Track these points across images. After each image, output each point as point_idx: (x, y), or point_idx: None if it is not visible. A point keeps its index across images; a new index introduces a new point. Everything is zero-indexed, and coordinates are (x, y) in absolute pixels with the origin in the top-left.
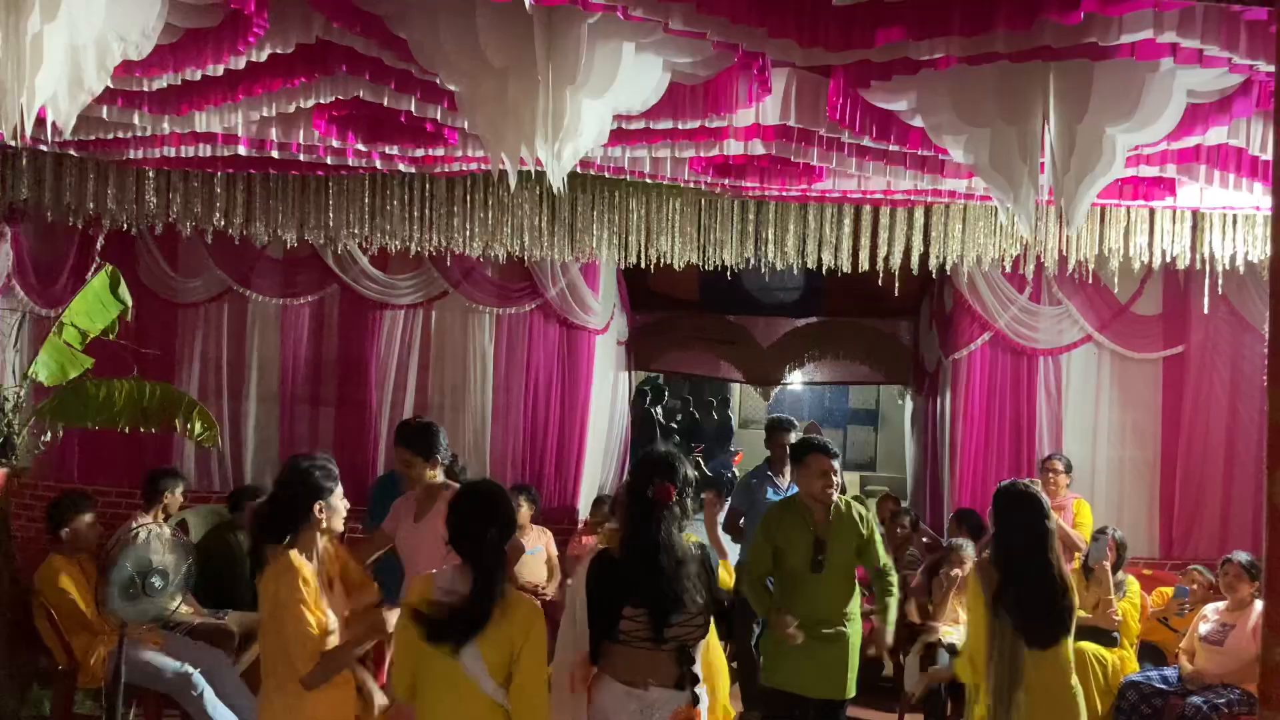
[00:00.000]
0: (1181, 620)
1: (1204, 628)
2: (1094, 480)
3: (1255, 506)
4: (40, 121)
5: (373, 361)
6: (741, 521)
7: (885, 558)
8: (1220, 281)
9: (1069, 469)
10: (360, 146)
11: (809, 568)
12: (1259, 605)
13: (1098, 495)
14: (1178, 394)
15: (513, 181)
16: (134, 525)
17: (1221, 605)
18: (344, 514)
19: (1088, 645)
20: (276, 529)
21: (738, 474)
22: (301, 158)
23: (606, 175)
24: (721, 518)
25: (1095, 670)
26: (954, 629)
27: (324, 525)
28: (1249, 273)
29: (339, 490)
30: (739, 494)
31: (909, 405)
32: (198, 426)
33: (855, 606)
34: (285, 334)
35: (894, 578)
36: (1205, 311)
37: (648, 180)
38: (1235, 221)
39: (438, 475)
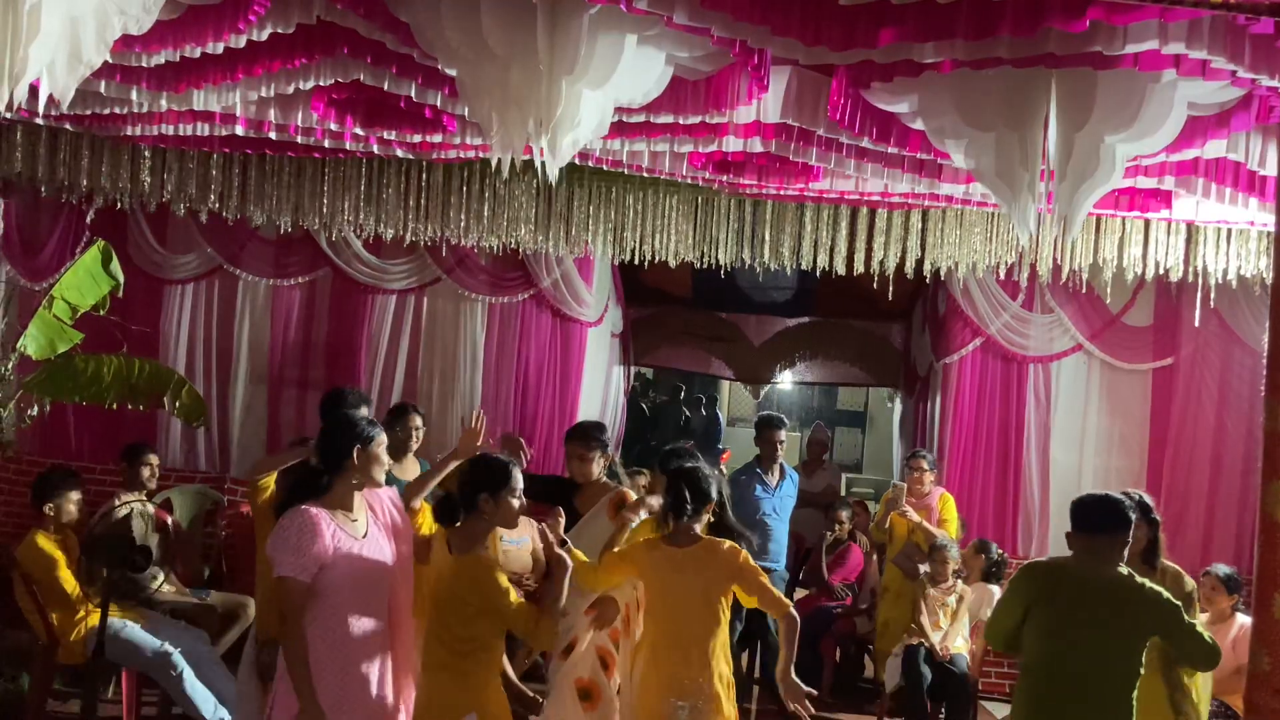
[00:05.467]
0: None
1: None
2: (1080, 488)
3: (1239, 520)
4: (36, 94)
5: (363, 345)
6: None
7: None
8: (1212, 295)
9: (934, 466)
10: (358, 130)
11: None
12: (1240, 618)
13: None
14: (1166, 406)
15: (506, 170)
16: (118, 502)
17: (1202, 618)
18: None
19: None
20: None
21: (725, 472)
22: (299, 140)
23: (604, 169)
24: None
25: None
26: (936, 632)
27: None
28: (1241, 287)
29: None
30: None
31: (898, 408)
32: (186, 405)
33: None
34: (275, 315)
35: None
36: (1196, 324)
37: (645, 176)
38: (1229, 236)
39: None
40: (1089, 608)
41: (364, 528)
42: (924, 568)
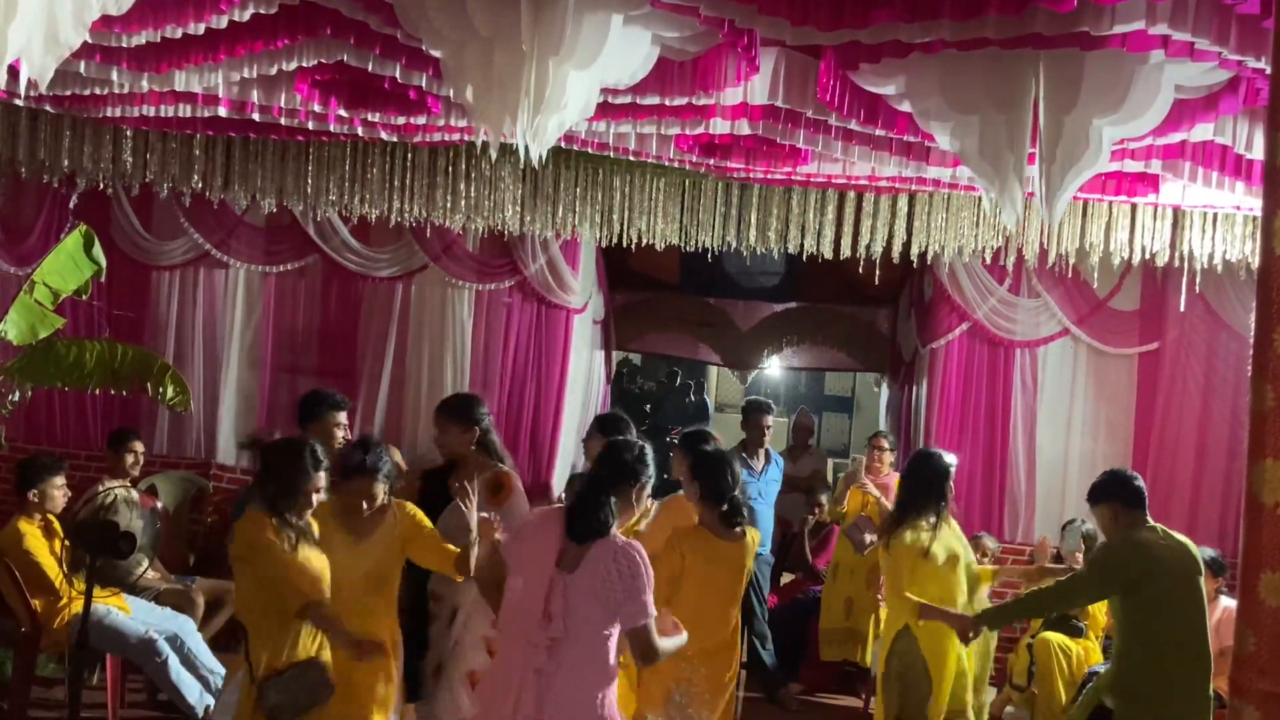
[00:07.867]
0: None
1: None
2: (1066, 473)
3: (1224, 503)
4: (15, 75)
5: (352, 332)
6: None
7: None
8: (1198, 280)
9: (894, 448)
10: (342, 112)
11: None
12: (1223, 601)
13: (1069, 487)
14: (1152, 390)
15: (494, 152)
16: (101, 488)
17: None
18: None
19: (1054, 635)
20: None
21: None
22: (283, 121)
23: (590, 151)
24: None
25: (1060, 660)
26: None
27: None
28: (1227, 272)
29: None
30: None
31: (884, 393)
32: (170, 390)
33: None
34: (264, 302)
35: None
36: (1182, 309)
37: (632, 158)
38: (1215, 220)
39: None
40: (1185, 575)
41: None
42: (869, 537)
